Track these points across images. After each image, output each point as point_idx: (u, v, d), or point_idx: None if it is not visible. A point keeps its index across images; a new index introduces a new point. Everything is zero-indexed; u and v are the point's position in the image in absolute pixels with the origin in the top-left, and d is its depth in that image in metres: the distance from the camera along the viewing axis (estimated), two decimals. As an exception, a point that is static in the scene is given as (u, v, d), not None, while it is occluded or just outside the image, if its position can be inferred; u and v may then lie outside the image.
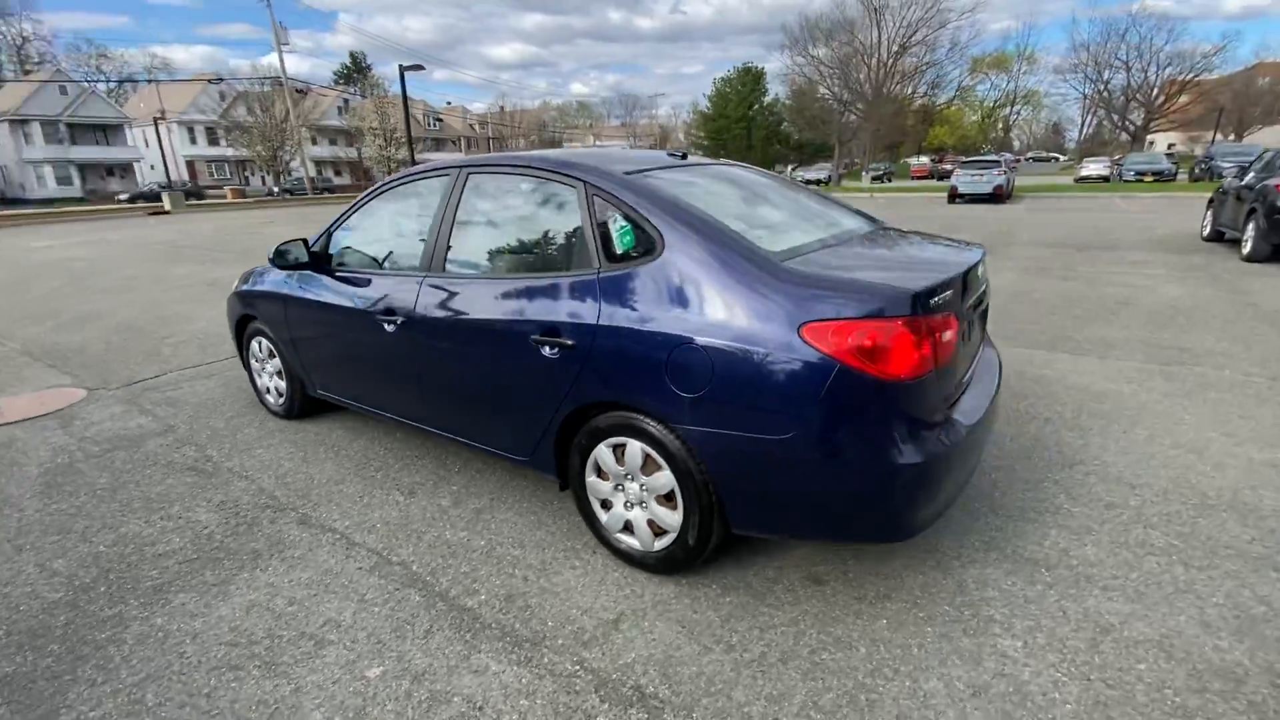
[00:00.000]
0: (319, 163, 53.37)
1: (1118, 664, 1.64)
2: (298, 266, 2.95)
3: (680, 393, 1.79)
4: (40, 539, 2.38)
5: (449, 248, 2.44)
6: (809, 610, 1.90)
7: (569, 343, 1.99)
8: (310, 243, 2.98)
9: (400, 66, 21.17)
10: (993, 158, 20.99)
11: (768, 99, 50.80)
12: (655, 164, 2.39)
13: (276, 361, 3.40)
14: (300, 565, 2.18)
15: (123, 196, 35.69)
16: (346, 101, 56.12)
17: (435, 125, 65.45)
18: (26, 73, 47.25)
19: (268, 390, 3.57)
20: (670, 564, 2.03)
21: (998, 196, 18.38)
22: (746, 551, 2.18)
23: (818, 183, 31.74)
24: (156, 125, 37.96)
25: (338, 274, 2.89)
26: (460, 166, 2.54)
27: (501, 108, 75.31)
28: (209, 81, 48.79)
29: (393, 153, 45.88)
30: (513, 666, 1.72)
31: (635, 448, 1.96)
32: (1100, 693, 1.56)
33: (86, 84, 45.31)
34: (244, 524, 2.45)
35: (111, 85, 55.75)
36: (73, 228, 19.56)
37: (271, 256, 2.96)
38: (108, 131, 44.89)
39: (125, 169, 46.29)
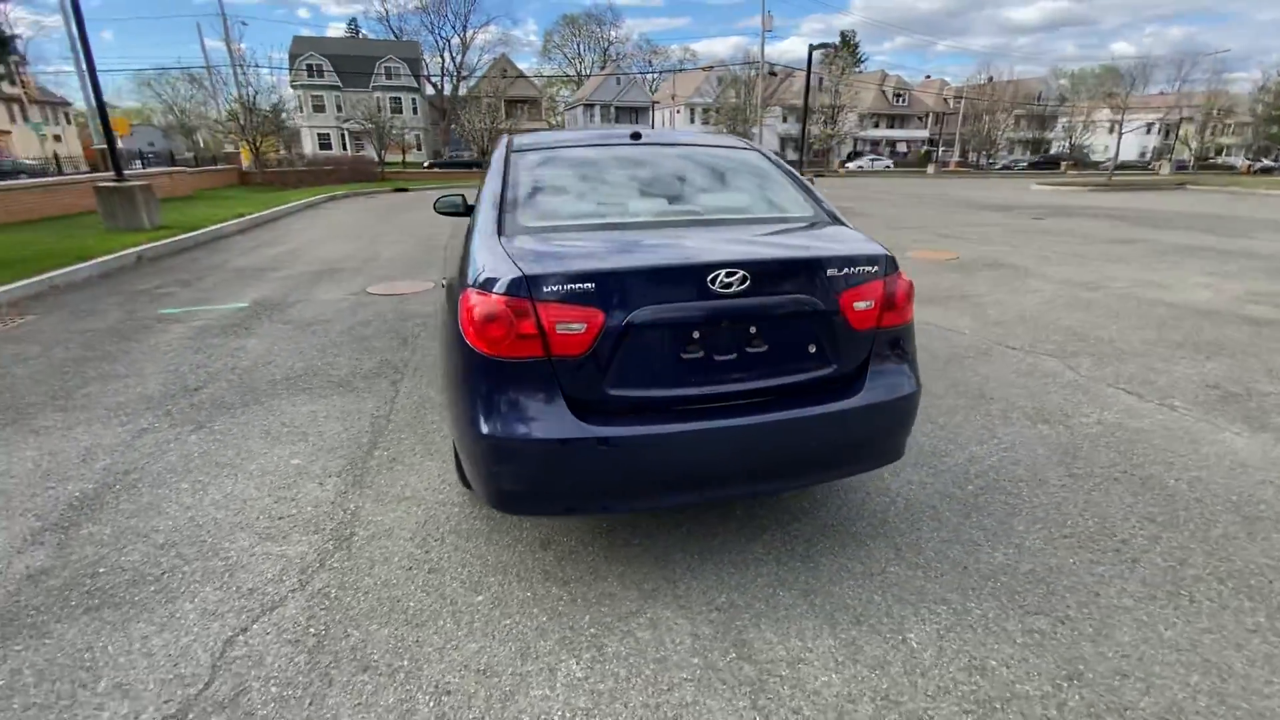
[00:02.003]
0: (783, 139, 58.31)
1: None
2: None
3: None
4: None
5: None
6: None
7: None
8: None
9: (810, 46, 21.66)
10: None
11: None
12: (572, 142, 2.75)
13: None
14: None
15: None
16: (820, 80, 59.02)
17: (902, 101, 62.89)
18: (602, 68, 65.45)
19: None
20: None
21: None
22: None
23: None
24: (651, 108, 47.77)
25: None
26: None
27: (989, 78, 66.72)
28: (706, 70, 58.17)
29: (835, 129, 46.65)
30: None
31: None
32: None
33: (633, 74, 59.81)
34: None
35: (647, 75, 72.05)
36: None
37: None
38: (638, 113, 58.77)
39: (643, 142, 60.27)
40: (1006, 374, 3.95)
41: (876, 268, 1.99)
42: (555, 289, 1.75)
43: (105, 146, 11.43)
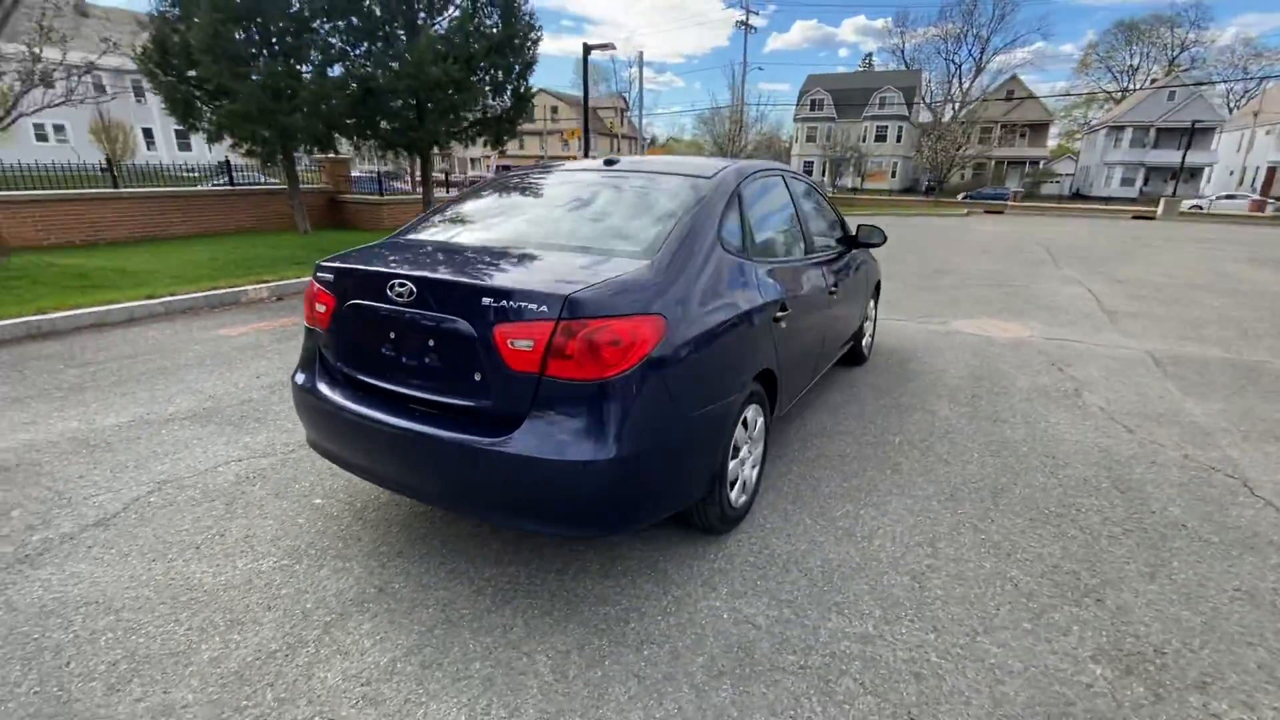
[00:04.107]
0: None
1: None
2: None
3: None
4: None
5: None
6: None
7: None
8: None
9: None
10: None
11: None
12: (539, 171, 3.16)
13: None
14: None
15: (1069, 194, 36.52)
16: None
17: None
18: (1149, 82, 51.83)
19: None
20: None
21: None
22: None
23: None
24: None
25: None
26: None
27: None
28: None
29: None
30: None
31: None
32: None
33: (1200, 85, 45.69)
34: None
35: (1220, 85, 53.40)
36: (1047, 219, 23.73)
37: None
38: (1195, 135, 44.84)
39: (1194, 173, 45.73)
40: None
41: (542, 308, 1.81)
42: (322, 276, 2.28)
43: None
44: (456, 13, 11.77)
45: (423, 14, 11.52)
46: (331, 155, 13.30)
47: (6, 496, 2.79)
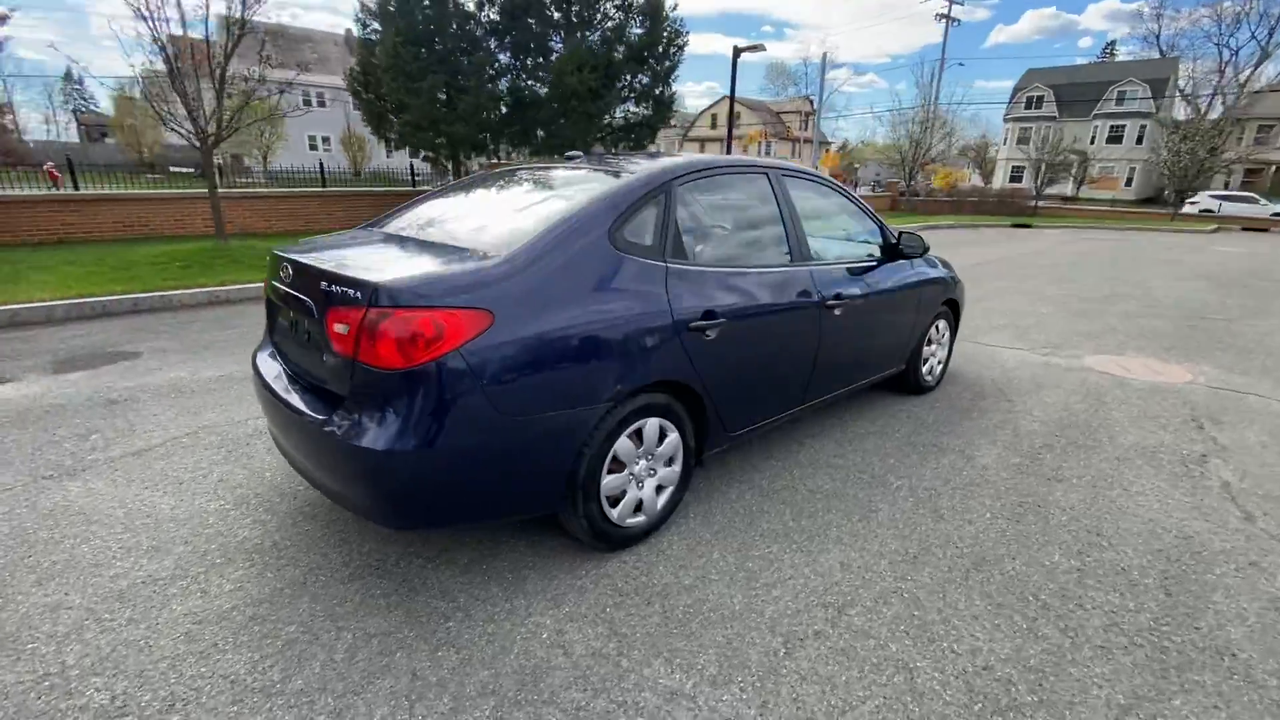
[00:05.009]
0: None
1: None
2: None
3: None
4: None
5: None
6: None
7: None
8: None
9: None
10: None
11: None
12: (519, 168, 3.14)
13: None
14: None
15: None
16: None
17: None
18: None
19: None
20: None
21: None
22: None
23: None
24: None
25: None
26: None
27: None
28: None
29: None
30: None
31: None
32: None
33: None
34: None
35: None
36: None
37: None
38: None
39: None
40: None
41: (357, 294, 1.85)
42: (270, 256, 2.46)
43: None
44: (610, 23, 12.33)
45: (575, 29, 12.24)
46: (495, 160, 14.73)
47: (98, 423, 3.53)
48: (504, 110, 11.64)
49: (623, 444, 2.26)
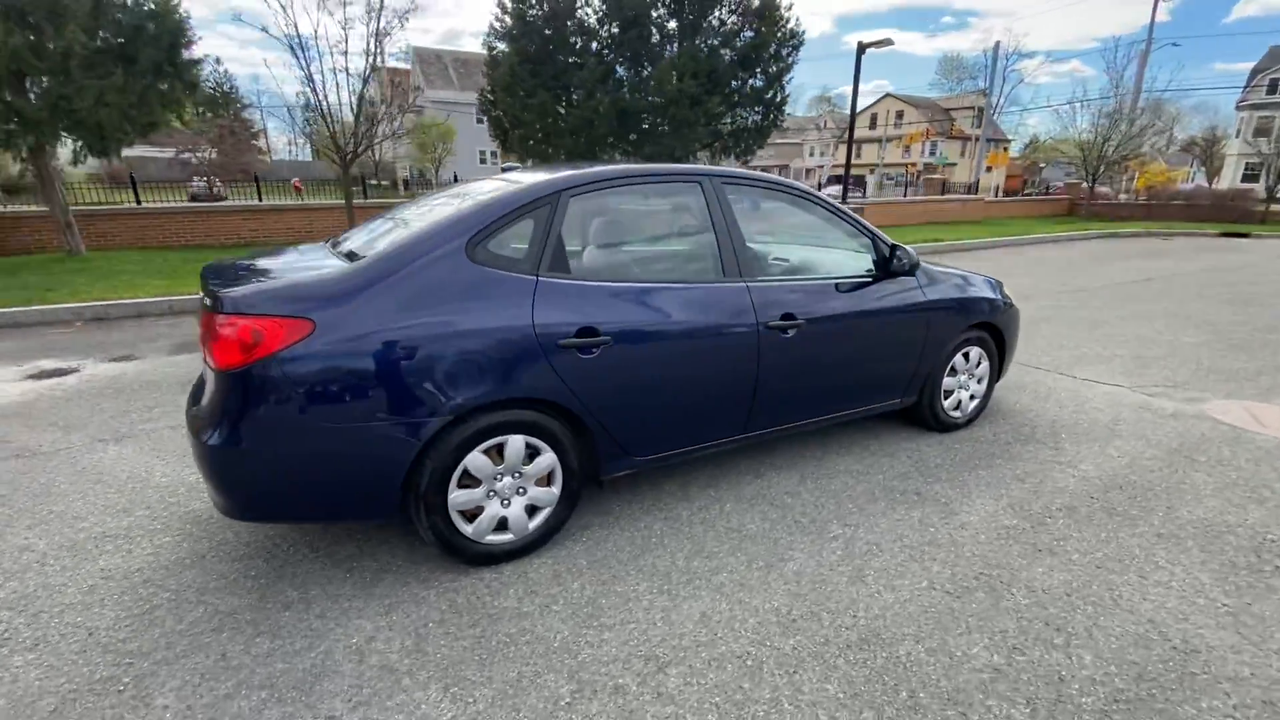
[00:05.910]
0: None
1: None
2: None
3: None
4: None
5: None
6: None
7: None
8: None
9: None
10: None
11: None
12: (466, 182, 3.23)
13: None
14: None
15: None
16: None
17: None
18: None
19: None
20: None
21: None
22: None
23: None
24: None
25: None
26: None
27: None
28: None
29: None
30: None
31: None
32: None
33: None
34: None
35: None
36: None
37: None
38: None
39: None
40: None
41: (211, 302, 2.05)
42: None
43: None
44: (724, 28, 12.19)
45: (685, 36, 12.25)
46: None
47: (166, 398, 4.22)
48: (613, 122, 11.99)
49: (476, 459, 2.24)
